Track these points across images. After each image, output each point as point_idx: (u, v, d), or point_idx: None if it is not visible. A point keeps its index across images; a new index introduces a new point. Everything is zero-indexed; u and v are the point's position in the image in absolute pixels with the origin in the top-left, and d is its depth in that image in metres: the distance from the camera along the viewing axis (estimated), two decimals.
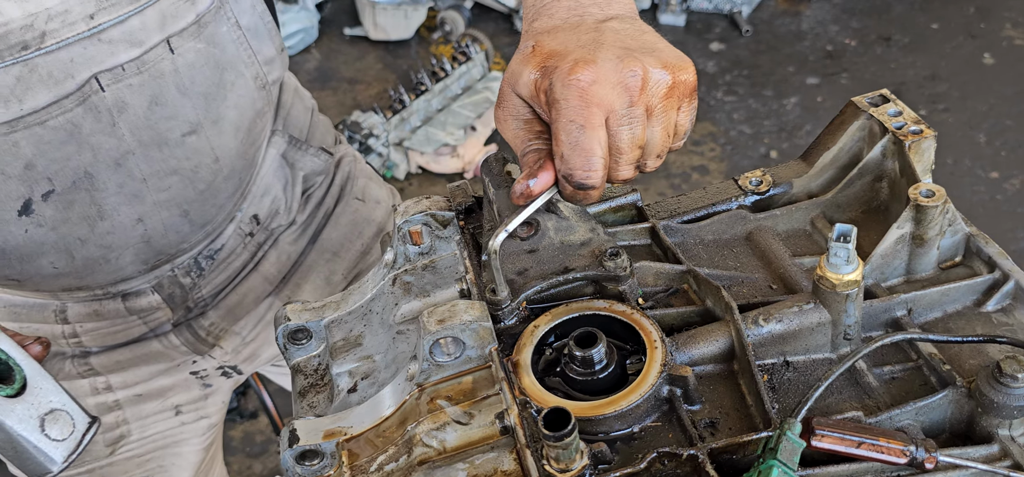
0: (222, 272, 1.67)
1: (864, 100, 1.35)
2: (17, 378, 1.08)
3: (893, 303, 1.18)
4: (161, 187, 1.44)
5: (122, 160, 1.38)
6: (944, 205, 1.19)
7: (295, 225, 1.77)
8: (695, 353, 1.13)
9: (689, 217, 1.36)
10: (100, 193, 1.39)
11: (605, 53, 1.09)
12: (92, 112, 1.32)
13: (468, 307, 1.12)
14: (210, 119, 1.45)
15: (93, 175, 1.37)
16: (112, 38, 1.31)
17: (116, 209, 1.42)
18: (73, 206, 1.38)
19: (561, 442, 0.96)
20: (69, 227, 1.40)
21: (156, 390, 1.74)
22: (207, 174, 1.49)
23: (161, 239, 1.51)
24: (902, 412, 1.07)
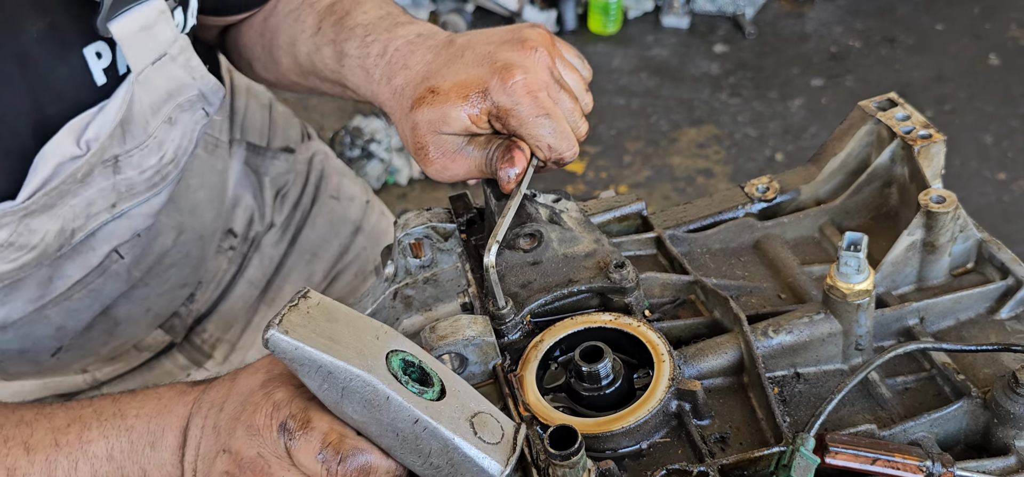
0: (212, 291, 1.72)
1: (871, 104, 1.32)
2: (436, 382, 0.96)
3: (905, 312, 1.15)
4: (162, 283, 1.54)
5: (133, 288, 1.49)
6: (955, 211, 1.16)
7: (274, 228, 1.79)
8: (704, 366, 1.10)
9: (695, 226, 1.34)
10: (114, 313, 1.50)
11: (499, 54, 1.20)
12: (113, 278, 1.42)
13: (471, 322, 1.09)
14: (187, 213, 1.53)
15: (109, 308, 1.48)
16: (132, 215, 1.38)
17: (128, 316, 1.53)
18: (93, 329, 1.49)
19: (568, 461, 0.94)
20: (92, 344, 1.52)
21: None
22: (196, 252, 1.58)
23: (166, 308, 1.61)
24: (916, 424, 1.05)
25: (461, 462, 0.94)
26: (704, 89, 5.01)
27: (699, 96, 4.96)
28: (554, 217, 1.23)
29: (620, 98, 4.99)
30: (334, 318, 0.94)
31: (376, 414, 0.93)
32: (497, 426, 0.97)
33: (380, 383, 0.91)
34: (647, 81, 5.09)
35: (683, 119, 4.81)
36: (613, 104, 4.96)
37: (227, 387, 1.05)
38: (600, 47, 5.40)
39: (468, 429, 0.94)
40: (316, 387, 0.92)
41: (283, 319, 0.91)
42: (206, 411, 1.06)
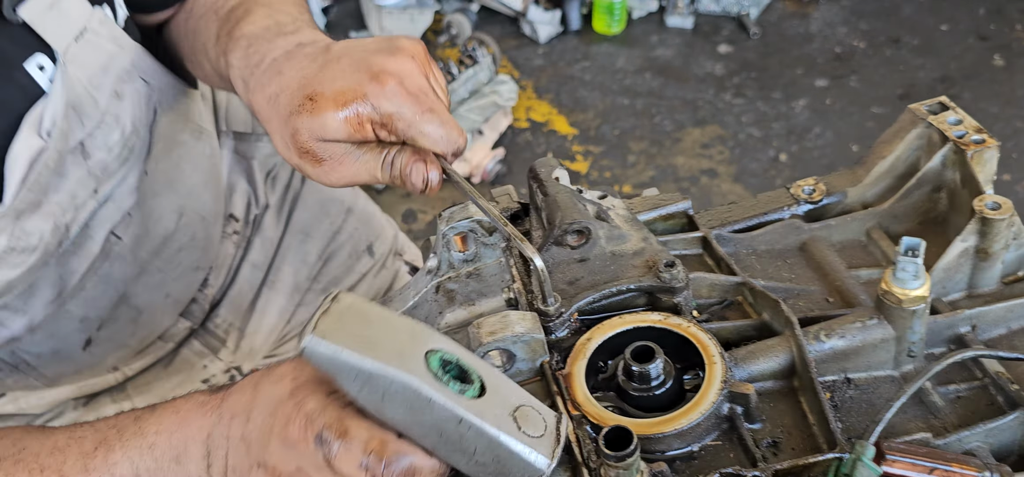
0: (224, 276, 1.76)
1: (922, 107, 1.31)
2: (475, 378, 0.93)
3: (957, 319, 1.14)
4: (174, 266, 1.60)
5: (143, 270, 1.54)
6: (1011, 218, 1.15)
7: (270, 209, 1.83)
8: (754, 369, 1.09)
9: (741, 226, 1.32)
10: (135, 299, 1.55)
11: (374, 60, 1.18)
12: (117, 260, 1.48)
13: (520, 318, 1.08)
14: (185, 195, 1.57)
15: (127, 294, 1.53)
16: (116, 197, 1.44)
17: (149, 302, 1.58)
18: (118, 320, 1.55)
19: (623, 463, 0.92)
20: (120, 334, 1.57)
21: None
22: (202, 233, 1.63)
23: (185, 294, 1.66)
24: (971, 434, 1.04)
25: (507, 458, 0.92)
26: (708, 89, 4.99)
27: (703, 96, 4.95)
28: (601, 214, 1.21)
29: (624, 98, 4.97)
30: (368, 320, 0.91)
31: (419, 416, 0.90)
32: (540, 418, 0.95)
33: (422, 385, 0.89)
34: (651, 81, 5.07)
35: (687, 119, 4.80)
36: (617, 104, 4.94)
37: (249, 396, 1.03)
38: (604, 47, 5.38)
39: (512, 424, 0.92)
40: (355, 392, 0.90)
41: (317, 324, 0.88)
42: (229, 421, 1.04)
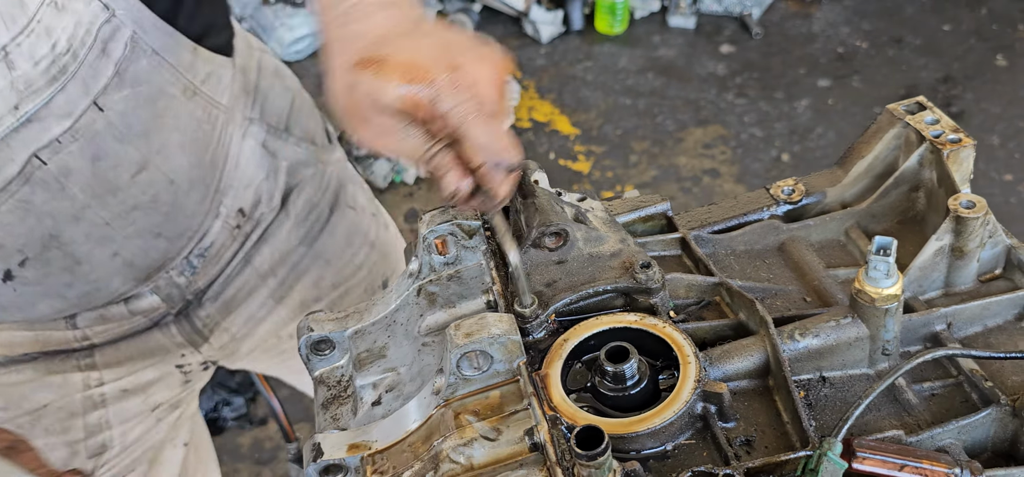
0: (214, 265, 1.70)
1: (900, 107, 1.32)
2: None
3: (932, 317, 1.15)
4: (126, 223, 1.49)
5: (80, 215, 1.43)
6: (985, 216, 1.16)
7: (288, 221, 1.78)
8: (729, 368, 1.10)
9: (720, 227, 1.33)
10: (70, 246, 1.45)
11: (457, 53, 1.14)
12: (40, 186, 1.37)
13: (496, 320, 1.09)
14: (154, 151, 1.47)
15: (57, 235, 1.43)
16: (42, 117, 1.34)
17: (90, 254, 1.48)
18: (50, 263, 1.45)
19: (594, 461, 0.93)
20: (52, 279, 1.47)
21: (141, 384, 1.76)
22: (167, 197, 1.52)
23: (143, 261, 1.56)
24: (944, 431, 1.04)
25: None
26: (710, 89, 5.00)
27: (705, 96, 4.96)
28: (580, 216, 1.23)
29: (626, 98, 4.98)
30: None
31: None
32: None
33: None
34: (653, 81, 5.08)
35: (689, 119, 4.81)
36: (619, 104, 4.95)
37: None
38: (607, 47, 5.39)
39: None
40: None
41: None
42: None
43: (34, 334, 1.59)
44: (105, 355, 1.68)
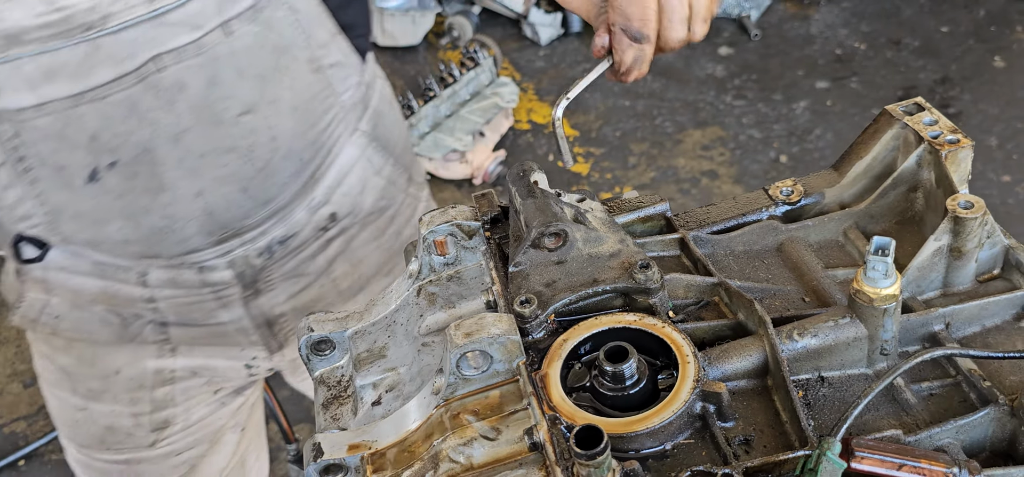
0: (293, 260, 1.72)
1: (898, 108, 1.32)
2: None
3: (930, 317, 1.15)
4: (219, 164, 1.51)
5: (180, 137, 1.46)
6: (983, 217, 1.16)
7: (374, 243, 1.81)
8: (728, 368, 1.10)
9: (719, 228, 1.34)
10: (160, 167, 1.47)
11: None
12: (152, 90, 1.41)
13: (496, 320, 1.09)
14: (266, 100, 1.50)
15: (152, 150, 1.45)
16: (172, 21, 1.38)
17: (176, 183, 1.49)
18: (136, 177, 1.47)
19: (593, 461, 0.94)
20: (133, 197, 1.49)
21: (209, 370, 1.81)
22: (264, 152, 1.54)
23: (224, 213, 1.57)
24: (942, 430, 1.04)
25: None
26: (709, 91, 5.01)
27: (704, 98, 4.97)
28: (579, 217, 1.23)
29: (625, 100, 4.99)
30: None
31: None
32: None
33: None
34: (652, 83, 5.09)
35: (688, 121, 4.81)
36: (618, 105, 4.96)
37: None
38: None
39: None
40: None
41: None
42: None
43: (103, 284, 1.63)
44: (179, 333, 1.72)
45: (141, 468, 1.84)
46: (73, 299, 1.64)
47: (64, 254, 1.59)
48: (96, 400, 1.77)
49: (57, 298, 1.64)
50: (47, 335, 1.72)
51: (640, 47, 1.23)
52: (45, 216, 1.49)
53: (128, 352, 1.72)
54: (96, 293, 1.63)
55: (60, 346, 1.73)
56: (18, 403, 3.67)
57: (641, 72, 1.26)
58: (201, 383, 1.82)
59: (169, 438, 1.83)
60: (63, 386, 1.79)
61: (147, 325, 1.69)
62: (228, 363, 1.81)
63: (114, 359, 1.72)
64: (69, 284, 1.62)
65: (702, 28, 1.29)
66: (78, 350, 1.72)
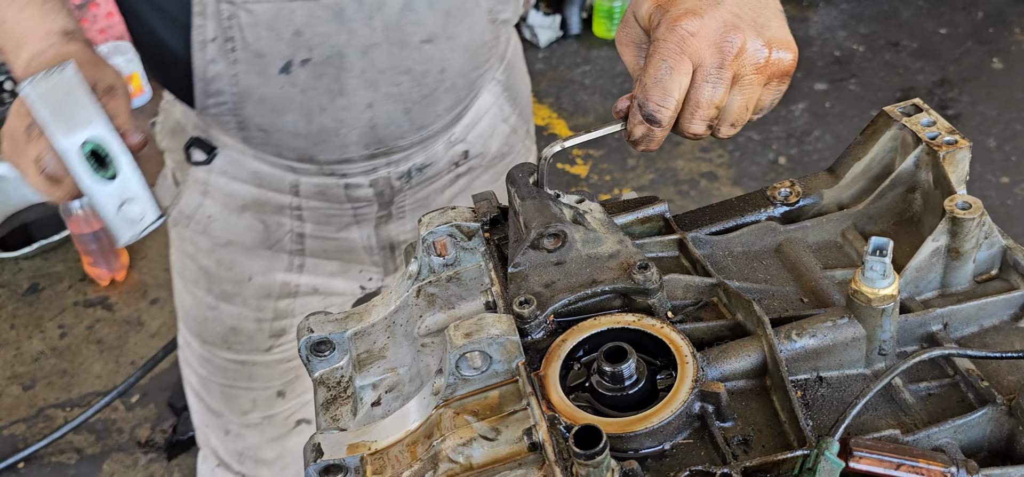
0: (425, 188, 1.88)
1: (896, 109, 1.33)
2: (112, 168, 1.35)
3: (928, 317, 1.15)
4: (393, 82, 1.64)
5: (368, 49, 1.59)
6: (981, 217, 1.16)
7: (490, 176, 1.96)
8: (726, 368, 1.10)
9: (718, 229, 1.34)
10: (345, 73, 1.61)
11: (716, 13, 1.17)
12: (356, 3, 1.55)
13: (495, 321, 1.09)
14: (446, 34, 1.64)
15: (344, 56, 1.59)
16: None
17: (354, 91, 1.63)
18: (322, 78, 1.61)
19: (592, 460, 0.94)
20: (314, 95, 1.63)
21: (327, 288, 1.98)
22: (432, 81, 1.68)
23: (384, 129, 1.71)
24: (940, 430, 1.05)
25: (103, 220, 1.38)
26: None
27: None
28: (578, 218, 1.23)
29: None
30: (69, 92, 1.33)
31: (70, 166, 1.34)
32: (142, 212, 1.38)
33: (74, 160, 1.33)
34: None
35: None
36: None
37: None
38: (604, 51, 5.40)
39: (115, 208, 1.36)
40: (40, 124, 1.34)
41: (37, 81, 1.32)
42: None
43: (257, 191, 1.81)
44: (313, 245, 1.90)
45: (255, 370, 2.01)
46: (226, 202, 1.82)
47: (226, 160, 1.78)
48: (227, 302, 1.95)
49: (212, 200, 1.82)
50: (197, 234, 1.88)
51: (650, 128, 1.21)
52: (233, 96, 1.63)
53: (263, 261, 1.89)
54: (249, 200, 1.82)
55: (205, 247, 1.90)
56: (17, 405, 3.66)
57: (649, 147, 1.24)
58: (318, 300, 1.98)
59: (282, 345, 1.99)
60: (200, 285, 1.96)
61: (287, 234, 1.86)
62: (346, 283, 1.98)
63: (250, 266, 1.90)
64: (226, 188, 1.81)
65: (728, 132, 1.24)
66: (219, 254, 1.89)
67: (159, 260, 4.26)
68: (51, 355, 3.86)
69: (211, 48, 1.58)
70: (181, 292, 2.05)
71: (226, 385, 2.06)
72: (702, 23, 1.16)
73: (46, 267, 4.27)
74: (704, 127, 1.21)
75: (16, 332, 3.97)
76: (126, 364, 3.79)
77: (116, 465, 3.44)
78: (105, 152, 1.34)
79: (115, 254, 4.15)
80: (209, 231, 1.86)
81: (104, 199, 1.36)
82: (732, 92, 1.20)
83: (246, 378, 2.04)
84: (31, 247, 4.24)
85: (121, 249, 4.18)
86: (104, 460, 3.46)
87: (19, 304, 4.10)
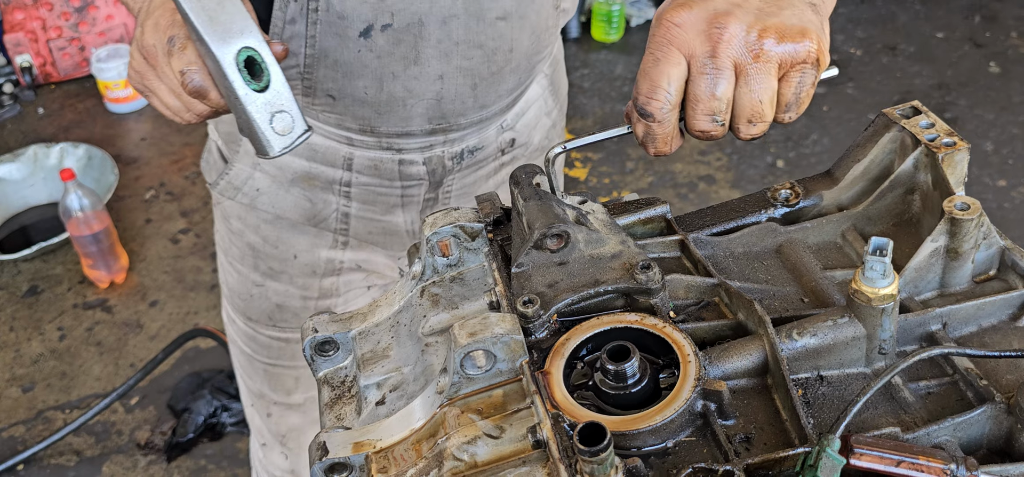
0: (474, 172, 1.90)
1: (895, 111, 1.34)
2: (265, 77, 1.31)
3: (928, 317, 1.17)
4: (466, 55, 1.65)
5: (448, 20, 1.60)
6: (979, 218, 1.17)
7: None
8: (728, 367, 1.11)
9: (719, 230, 1.35)
10: (422, 42, 1.61)
11: (707, 3, 1.14)
12: None
13: (499, 320, 1.10)
14: (518, 13, 1.65)
15: (424, 24, 1.59)
16: None
17: (428, 60, 1.63)
18: (399, 44, 1.61)
19: (597, 457, 0.95)
20: (389, 61, 1.63)
21: (371, 264, 2.00)
22: (501, 59, 1.69)
23: (450, 103, 1.72)
24: (940, 428, 1.06)
25: (254, 135, 1.33)
26: None
27: None
28: (581, 219, 1.24)
29: (623, 105, 5.00)
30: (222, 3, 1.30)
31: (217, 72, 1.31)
32: (291, 124, 1.33)
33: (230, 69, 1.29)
34: None
35: None
36: (616, 111, 4.97)
37: None
38: (603, 55, 5.41)
39: (267, 119, 1.32)
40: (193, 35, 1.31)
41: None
42: None
43: (308, 165, 1.82)
44: (357, 226, 1.91)
45: (298, 348, 2.01)
46: (276, 175, 1.83)
47: None
48: (273, 279, 1.96)
49: (262, 173, 1.83)
50: (244, 209, 1.89)
51: (647, 124, 1.19)
52: (307, 59, 1.63)
53: (309, 238, 1.90)
54: (299, 174, 1.83)
55: (252, 223, 1.91)
56: (16, 407, 3.67)
57: (658, 149, 1.21)
58: (361, 277, 2.01)
59: None
60: (246, 262, 1.97)
61: (333, 213, 1.87)
62: (387, 261, 2.00)
63: (296, 243, 1.91)
64: (278, 161, 1.81)
65: (749, 130, 1.19)
66: (265, 231, 1.90)
67: (158, 262, 4.27)
68: (50, 357, 3.86)
69: (292, 7, 1.57)
70: (226, 269, 2.06)
71: (270, 364, 2.08)
72: (688, 14, 1.14)
73: (45, 269, 4.27)
74: (709, 122, 1.18)
75: (15, 334, 3.98)
76: (125, 366, 3.80)
77: (115, 467, 3.45)
78: (260, 60, 1.32)
79: (114, 256, 4.16)
80: (256, 204, 1.87)
81: (257, 110, 1.32)
82: (739, 85, 1.16)
83: (290, 357, 2.05)
84: (30, 249, 4.24)
85: (120, 252, 4.19)
86: (104, 462, 3.46)
87: (18, 306, 4.11)
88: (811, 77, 1.18)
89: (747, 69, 1.15)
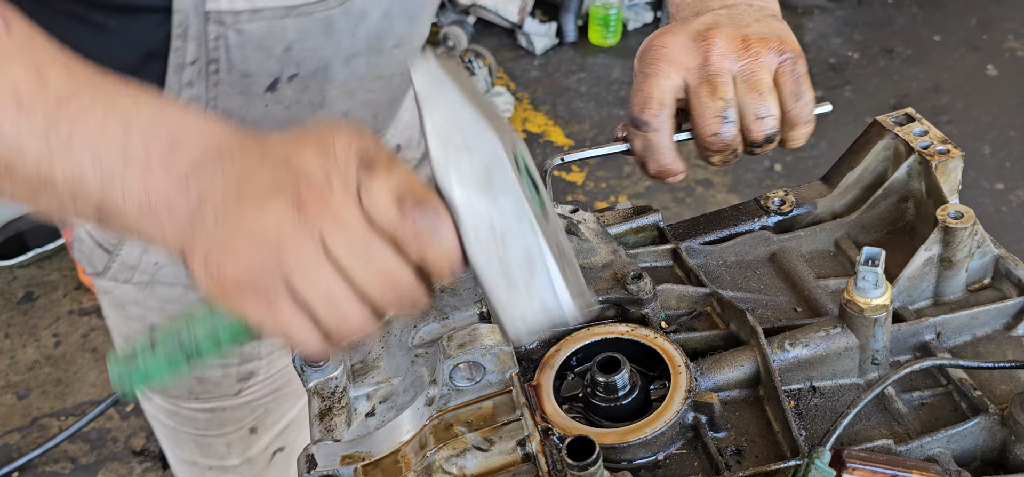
0: None
1: (889, 119, 1.33)
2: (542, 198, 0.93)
3: (921, 327, 1.16)
4: (369, 88, 1.61)
5: (351, 59, 1.54)
6: (973, 227, 1.17)
7: None
8: (720, 378, 1.10)
9: (711, 238, 1.34)
10: (328, 85, 1.55)
11: (689, 24, 1.22)
12: (345, 14, 1.48)
13: (489, 331, 1.09)
14: (410, 36, 1.63)
15: (329, 68, 1.52)
16: None
17: (334, 101, 1.58)
18: (306, 91, 1.54)
19: (586, 472, 0.94)
20: (297, 109, 1.55)
21: None
22: (397, 83, 1.67)
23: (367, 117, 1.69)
24: (933, 440, 1.05)
25: (539, 281, 0.86)
26: None
27: None
28: (572, 228, 1.23)
29: (620, 109, 4.99)
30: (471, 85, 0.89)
31: None
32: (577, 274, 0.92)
33: (507, 158, 0.84)
34: None
35: None
36: (613, 115, 4.97)
37: None
38: (600, 59, 5.41)
39: (558, 252, 0.88)
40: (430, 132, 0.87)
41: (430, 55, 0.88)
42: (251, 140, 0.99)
43: None
44: None
45: (225, 415, 1.94)
46: None
47: None
48: None
49: None
50: (140, 290, 1.77)
51: (644, 135, 1.21)
52: None
53: None
54: None
55: (153, 305, 1.80)
56: (12, 415, 3.66)
57: (659, 164, 1.22)
58: None
59: (252, 387, 1.91)
60: None
61: None
62: None
63: None
64: None
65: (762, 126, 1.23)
66: (171, 308, 1.79)
67: None
68: (46, 364, 3.85)
69: (189, 71, 1.46)
70: None
71: (197, 435, 1.98)
72: (673, 36, 1.21)
73: (41, 276, 4.26)
74: (719, 123, 1.19)
75: (11, 341, 3.97)
76: None
77: (111, 474, 3.44)
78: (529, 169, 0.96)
79: None
80: (158, 279, 1.71)
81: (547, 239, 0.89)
82: (738, 85, 1.19)
83: (217, 425, 1.96)
84: (26, 255, 4.24)
85: None
86: (99, 469, 3.45)
87: (14, 313, 4.10)
88: (802, 66, 1.23)
89: (741, 68, 1.19)
